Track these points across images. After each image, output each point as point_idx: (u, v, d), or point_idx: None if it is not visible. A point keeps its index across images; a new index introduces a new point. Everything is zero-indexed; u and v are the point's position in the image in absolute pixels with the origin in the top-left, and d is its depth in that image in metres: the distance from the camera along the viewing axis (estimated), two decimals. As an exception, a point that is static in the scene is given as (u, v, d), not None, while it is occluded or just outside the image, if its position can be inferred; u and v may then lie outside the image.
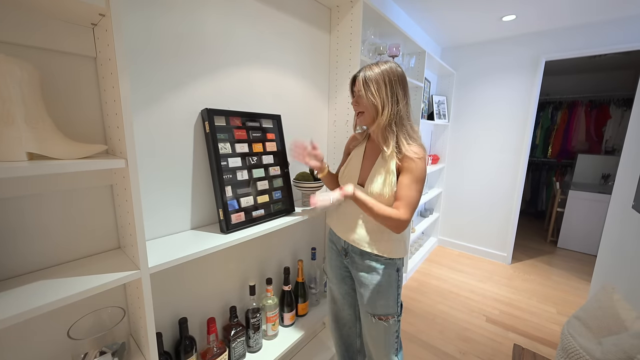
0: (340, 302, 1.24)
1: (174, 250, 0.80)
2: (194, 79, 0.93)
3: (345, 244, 1.11)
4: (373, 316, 1.06)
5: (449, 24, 2.39)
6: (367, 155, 1.07)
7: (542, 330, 1.91)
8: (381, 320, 1.05)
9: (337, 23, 1.42)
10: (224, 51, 1.00)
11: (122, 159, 0.63)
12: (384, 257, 1.03)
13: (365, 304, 1.07)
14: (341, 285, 1.20)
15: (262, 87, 1.17)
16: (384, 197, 0.96)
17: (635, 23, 2.12)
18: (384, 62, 0.96)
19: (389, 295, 1.04)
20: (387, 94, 0.93)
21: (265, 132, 1.15)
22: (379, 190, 0.96)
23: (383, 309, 1.04)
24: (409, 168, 0.93)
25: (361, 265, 1.06)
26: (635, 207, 1.24)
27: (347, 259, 1.12)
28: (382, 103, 0.93)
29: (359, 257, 1.06)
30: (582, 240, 3.22)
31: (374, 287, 1.04)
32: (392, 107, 0.93)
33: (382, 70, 0.93)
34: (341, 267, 1.18)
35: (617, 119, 3.69)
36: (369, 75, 0.94)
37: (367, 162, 1.06)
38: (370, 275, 1.04)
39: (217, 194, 0.95)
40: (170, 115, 0.88)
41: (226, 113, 1.00)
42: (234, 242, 0.91)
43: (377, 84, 0.93)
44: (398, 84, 0.94)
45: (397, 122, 0.95)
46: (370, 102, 0.94)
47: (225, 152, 0.99)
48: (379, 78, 0.93)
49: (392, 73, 0.94)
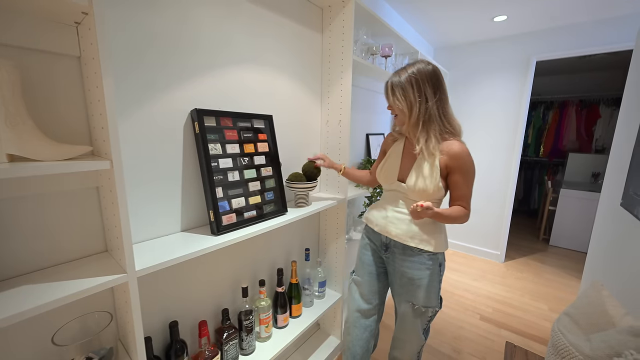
0: (368, 300, 1.22)
1: (163, 252, 0.79)
2: (183, 79, 0.92)
3: (386, 239, 1.13)
4: (412, 304, 1.09)
5: (441, 24, 2.41)
6: (406, 153, 1.11)
7: (534, 327, 1.93)
8: (420, 307, 1.08)
9: (329, 23, 1.41)
10: (214, 51, 0.99)
11: (106, 160, 0.62)
12: (428, 251, 1.05)
13: (405, 294, 1.10)
14: (372, 284, 1.22)
15: (254, 87, 1.16)
16: (428, 192, 1.00)
17: (623, 23, 2.16)
18: (413, 64, 1.00)
19: (431, 289, 1.07)
20: (414, 95, 0.98)
21: (256, 133, 1.14)
22: (423, 186, 1.00)
23: (425, 301, 1.07)
24: (459, 167, 0.98)
25: (402, 260, 1.09)
26: (624, 204, 1.26)
27: (387, 253, 1.14)
28: (409, 106, 0.99)
29: (401, 252, 1.09)
30: (573, 238, 3.27)
31: (416, 281, 1.06)
32: (420, 106, 0.98)
33: (409, 73, 0.98)
34: (377, 264, 1.20)
35: (606, 118, 3.76)
36: (395, 81, 1.01)
37: (407, 160, 1.09)
38: (412, 271, 1.07)
39: (208, 196, 0.94)
40: (159, 116, 0.87)
41: (216, 113, 0.99)
42: (224, 244, 0.90)
43: (402, 89, 0.99)
44: (427, 83, 0.98)
45: (425, 120, 0.99)
46: (397, 106, 1.01)
47: (216, 153, 0.97)
48: (405, 82, 0.99)
49: (419, 74, 0.98)
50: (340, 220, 1.55)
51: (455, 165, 0.98)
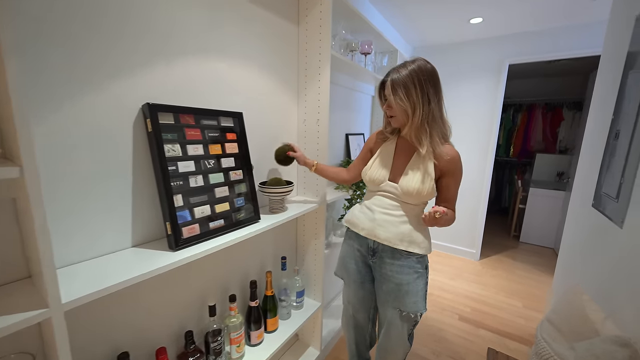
0: (355, 307, 1.22)
1: (103, 276, 0.65)
2: (134, 67, 0.78)
3: (373, 243, 1.08)
4: (400, 311, 1.05)
5: (420, 24, 2.39)
6: (399, 153, 1.06)
7: (510, 325, 1.97)
8: (408, 313, 1.04)
9: (305, 14, 1.31)
10: (175, 36, 0.86)
11: (16, 166, 0.48)
12: (416, 254, 1.02)
13: (393, 300, 1.05)
14: (358, 290, 1.18)
15: (222, 80, 1.04)
16: (422, 194, 0.97)
17: (588, 31, 2.26)
18: (412, 62, 0.94)
19: (418, 291, 1.03)
20: (417, 95, 0.92)
21: (224, 132, 1.02)
22: (418, 188, 0.97)
23: (413, 306, 1.03)
24: (453, 171, 0.98)
25: (391, 264, 1.05)
26: (595, 205, 1.28)
27: (374, 258, 1.10)
28: (412, 106, 0.93)
29: (390, 255, 1.05)
30: (541, 234, 3.44)
31: (404, 287, 1.03)
32: (423, 107, 0.92)
33: (410, 70, 0.91)
34: (363, 270, 1.15)
35: (568, 121, 3.99)
36: (396, 79, 0.93)
37: (400, 160, 1.05)
38: (400, 276, 1.03)
39: (164, 205, 0.81)
40: (101, 110, 0.72)
41: (175, 109, 0.86)
42: (184, 261, 0.77)
43: (405, 88, 0.92)
44: (429, 82, 0.92)
45: (429, 121, 0.95)
46: (400, 107, 0.94)
47: (174, 155, 0.84)
48: (407, 80, 0.91)
49: (421, 72, 0.91)
50: (319, 225, 1.47)
51: (450, 169, 0.98)
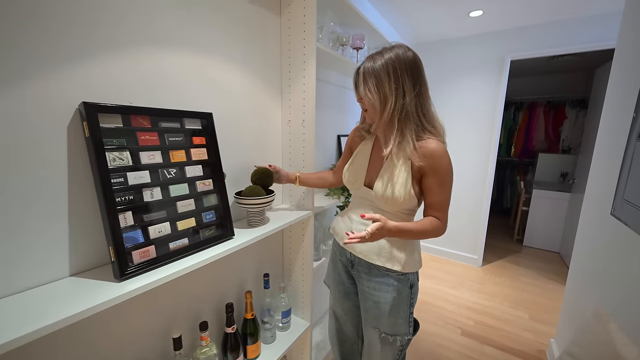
0: (342, 318, 1.14)
1: (24, 318, 0.51)
2: (74, 57, 0.64)
3: (351, 255, 1.00)
4: (379, 331, 0.94)
5: (416, 17, 2.26)
6: (375, 155, 0.96)
7: (517, 340, 1.82)
8: (387, 335, 0.93)
9: (287, 3, 1.17)
10: (128, 21, 0.72)
11: None
12: (396, 271, 0.90)
13: (372, 319, 0.95)
14: (344, 302, 1.10)
15: (187, 76, 0.90)
16: (397, 201, 0.84)
17: (594, 24, 2.13)
18: (390, 49, 0.82)
19: (399, 314, 0.92)
20: (390, 88, 0.80)
21: (189, 136, 0.87)
22: (392, 194, 0.84)
23: (392, 328, 0.92)
24: (432, 168, 0.81)
25: (368, 279, 0.95)
26: (615, 213, 1.14)
27: (353, 271, 1.02)
28: (382, 99, 0.81)
29: (366, 270, 0.95)
30: (546, 237, 3.30)
31: (382, 305, 0.92)
32: (395, 101, 0.80)
33: (386, 59, 0.80)
34: (346, 281, 1.07)
35: (572, 119, 3.86)
36: (368, 68, 0.82)
37: (375, 162, 0.94)
38: (377, 293, 0.92)
39: (106, 225, 0.66)
40: (23, 110, 0.58)
41: (124, 110, 0.72)
42: (132, 294, 0.63)
43: (377, 78, 0.81)
44: (405, 72, 0.80)
45: (401, 117, 0.82)
46: (368, 99, 0.83)
47: (121, 165, 0.70)
48: (380, 70, 0.80)
49: (397, 61, 0.80)
50: (307, 236, 1.32)
51: (428, 166, 0.81)
